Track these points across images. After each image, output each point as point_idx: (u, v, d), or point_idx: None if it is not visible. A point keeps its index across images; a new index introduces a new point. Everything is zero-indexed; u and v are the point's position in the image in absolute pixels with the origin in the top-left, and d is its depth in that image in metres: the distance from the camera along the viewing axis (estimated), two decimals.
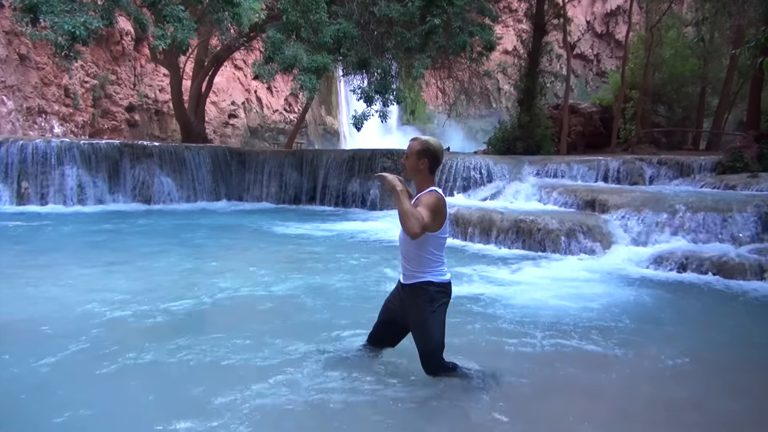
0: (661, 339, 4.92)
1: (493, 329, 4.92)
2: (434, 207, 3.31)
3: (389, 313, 3.78)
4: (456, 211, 10.49)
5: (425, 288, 3.48)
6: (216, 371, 3.81)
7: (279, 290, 6.11)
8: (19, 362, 3.85)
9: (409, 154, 3.53)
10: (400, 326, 3.74)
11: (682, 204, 9.09)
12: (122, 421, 3.16)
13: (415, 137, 3.66)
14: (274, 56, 15.08)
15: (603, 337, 4.81)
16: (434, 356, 3.54)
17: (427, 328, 3.48)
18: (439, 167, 3.57)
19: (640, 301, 6.14)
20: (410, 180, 3.59)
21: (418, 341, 3.56)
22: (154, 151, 15.47)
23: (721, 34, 19.91)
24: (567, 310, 5.59)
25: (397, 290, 3.72)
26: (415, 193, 3.56)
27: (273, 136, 30.79)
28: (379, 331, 3.90)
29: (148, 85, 25.00)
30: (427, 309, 3.46)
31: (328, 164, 17.00)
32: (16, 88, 19.19)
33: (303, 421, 3.17)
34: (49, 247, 8.71)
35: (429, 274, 3.48)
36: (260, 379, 3.65)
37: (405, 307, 3.60)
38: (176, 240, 9.73)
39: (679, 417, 3.46)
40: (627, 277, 7.44)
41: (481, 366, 3.90)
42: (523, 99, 17.64)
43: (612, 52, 39.32)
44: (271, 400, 3.37)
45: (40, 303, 5.28)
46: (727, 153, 12.56)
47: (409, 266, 3.54)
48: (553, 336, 4.79)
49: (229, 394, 3.42)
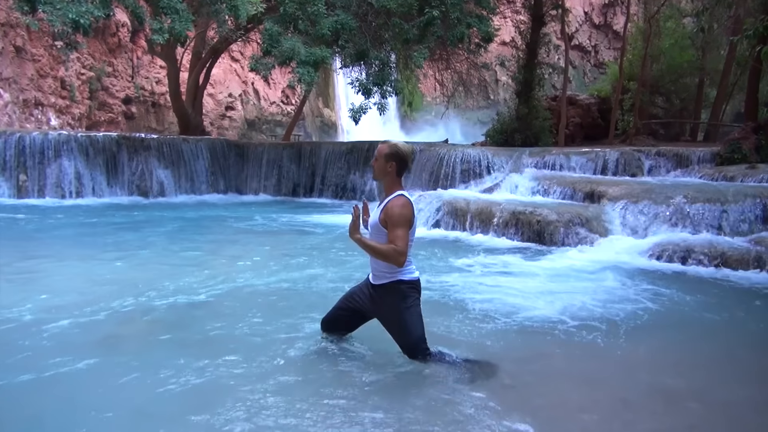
0: (660, 330, 4.94)
1: (489, 320, 4.93)
2: (404, 220, 3.48)
3: (354, 303, 3.90)
4: (454, 203, 10.50)
5: (397, 287, 3.64)
6: (209, 364, 3.82)
7: (274, 281, 6.11)
8: (17, 358, 3.86)
9: (378, 156, 3.65)
10: (363, 318, 3.92)
11: (680, 195, 9.11)
12: (111, 413, 3.16)
13: (385, 141, 3.78)
14: (272, 49, 15.03)
15: (601, 328, 4.83)
16: (418, 348, 3.70)
17: (406, 324, 3.66)
18: (406, 170, 3.70)
19: (638, 292, 6.16)
20: (379, 181, 3.73)
21: (399, 338, 3.72)
22: (152, 144, 15.44)
23: (719, 25, 19.87)
24: (565, 302, 5.60)
25: (366, 287, 3.84)
26: (384, 194, 3.67)
27: (270, 129, 30.73)
28: (341, 318, 4.01)
29: (145, 77, 24.90)
30: (402, 306, 3.63)
31: (327, 156, 16.98)
32: (12, 80, 19.09)
33: (298, 407, 3.18)
34: (48, 239, 8.70)
35: (399, 273, 3.63)
36: (252, 368, 3.68)
37: (377, 305, 3.74)
38: (173, 232, 9.74)
39: (679, 406, 3.48)
40: (626, 268, 7.45)
41: (475, 355, 3.95)
42: (521, 90, 17.61)
43: (610, 43, 39.29)
44: (263, 392, 3.39)
45: (36, 296, 5.27)
46: (725, 144, 12.57)
47: (379, 267, 3.67)
48: (551, 326, 4.82)
49: (218, 391, 3.43)
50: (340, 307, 4.00)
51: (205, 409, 3.13)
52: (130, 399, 3.29)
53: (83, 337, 4.27)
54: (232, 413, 3.10)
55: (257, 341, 4.22)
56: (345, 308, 3.97)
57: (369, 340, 4.03)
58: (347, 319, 4.00)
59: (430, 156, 14.75)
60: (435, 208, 10.58)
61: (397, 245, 3.44)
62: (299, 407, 3.20)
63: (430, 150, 15.07)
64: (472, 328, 4.68)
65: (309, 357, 3.91)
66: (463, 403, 3.29)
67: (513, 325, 4.85)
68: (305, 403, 3.24)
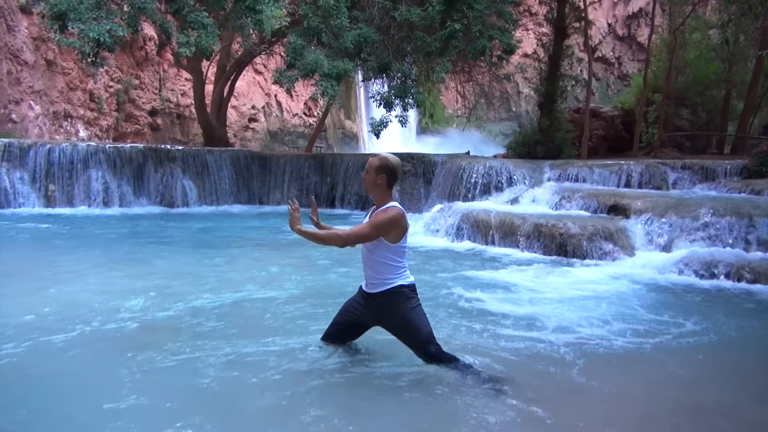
0: (686, 345, 4.86)
1: (511, 333, 4.91)
2: (381, 222, 3.61)
3: (351, 317, 3.97)
4: (476, 216, 10.47)
5: (398, 291, 3.71)
6: (223, 370, 3.86)
7: (294, 291, 6.16)
8: (38, 359, 3.95)
9: (368, 169, 3.75)
10: (363, 327, 4.02)
11: (707, 209, 8.97)
12: (128, 415, 3.22)
13: (376, 154, 3.90)
14: (295, 62, 15.22)
15: (626, 343, 4.77)
16: (429, 345, 3.75)
17: (414, 324, 3.72)
18: (396, 183, 3.81)
19: (664, 307, 6.07)
20: (370, 194, 3.87)
21: (408, 339, 3.78)
22: (177, 155, 15.70)
23: (746, 36, 19.60)
24: (588, 315, 5.55)
25: (361, 297, 3.91)
26: (375, 207, 3.78)
27: (293, 140, 31.03)
28: (339, 332, 4.09)
29: (171, 90, 25.37)
30: (406, 307, 3.71)
31: (348, 168, 17.08)
32: (43, 92, 19.60)
33: (310, 411, 3.20)
34: (76, 248, 8.88)
35: (397, 278, 3.73)
36: (265, 377, 3.71)
37: (377, 314, 3.81)
38: (196, 242, 9.88)
39: (706, 423, 3.42)
40: (650, 282, 7.36)
41: (498, 368, 3.95)
42: (544, 103, 17.54)
43: (634, 55, 38.96)
44: (274, 399, 3.42)
45: (63, 302, 5.39)
46: (753, 157, 12.35)
47: (376, 275, 3.76)
48: (573, 340, 4.77)
49: (235, 392, 3.47)
50: (338, 322, 4.07)
51: (216, 416, 3.17)
52: (151, 403, 3.35)
53: (103, 344, 4.35)
54: (248, 419, 3.13)
55: (274, 350, 4.25)
56: (343, 323, 4.05)
57: (389, 346, 4.03)
58: (347, 332, 4.08)
59: (452, 168, 14.74)
60: (456, 220, 10.57)
61: (350, 232, 3.62)
62: (313, 414, 3.22)
63: (452, 162, 15.07)
64: (493, 341, 4.66)
65: (316, 366, 3.91)
66: (485, 416, 3.28)
67: (535, 338, 4.82)
68: (318, 411, 3.26)
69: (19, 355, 4.06)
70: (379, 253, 3.70)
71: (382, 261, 3.71)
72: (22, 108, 18.67)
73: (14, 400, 3.38)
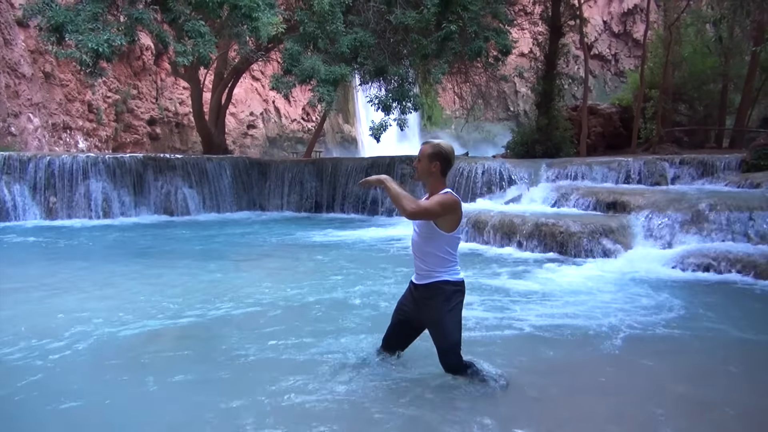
0: (688, 340, 4.87)
1: (514, 332, 4.92)
2: (443, 201, 3.46)
3: (403, 315, 3.83)
4: (476, 215, 10.49)
5: (441, 287, 3.56)
6: (240, 376, 3.88)
7: (299, 297, 6.18)
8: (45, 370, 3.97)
9: (421, 157, 3.63)
10: (414, 327, 3.84)
11: (706, 203, 8.98)
12: (145, 420, 3.24)
13: (427, 141, 3.76)
14: (292, 68, 15.26)
15: (628, 339, 4.79)
16: (452, 353, 3.63)
17: (444, 326, 3.58)
18: (450, 169, 3.68)
19: (666, 303, 6.09)
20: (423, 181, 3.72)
21: (436, 339, 3.66)
22: (177, 164, 15.74)
23: (742, 30, 19.61)
24: (590, 313, 5.56)
25: (409, 291, 3.79)
26: (428, 195, 3.65)
27: (291, 146, 31.07)
28: (394, 332, 3.94)
29: (169, 99, 25.44)
30: (444, 308, 3.55)
31: (348, 172, 17.10)
32: (41, 105, 19.67)
33: (325, 420, 3.22)
34: (78, 259, 8.90)
35: (445, 273, 3.57)
36: (282, 384, 3.72)
37: (420, 306, 3.67)
38: (199, 250, 9.90)
39: (711, 418, 3.43)
40: (651, 278, 7.37)
41: (501, 367, 3.92)
42: (541, 102, 17.57)
43: (630, 52, 38.98)
44: (294, 403, 3.43)
45: (66, 311, 5.41)
46: (751, 150, 12.36)
47: (424, 266, 3.62)
48: (576, 338, 4.79)
49: (253, 399, 3.50)
50: (392, 323, 3.95)
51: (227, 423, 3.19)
52: (163, 414, 3.37)
53: (111, 354, 4.37)
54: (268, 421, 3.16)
55: (284, 359, 4.27)
56: (396, 323, 3.92)
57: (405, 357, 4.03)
58: (398, 334, 3.92)
59: (451, 169, 14.74)
60: None
61: (420, 203, 3.44)
62: (329, 425, 3.24)
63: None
64: (496, 340, 4.67)
65: (338, 373, 3.93)
66: (489, 415, 3.29)
67: (537, 336, 4.84)
68: (335, 420, 3.28)
69: (16, 366, 4.07)
70: (433, 244, 3.55)
71: (434, 252, 3.55)
72: (21, 121, 18.73)
73: (13, 404, 3.40)
